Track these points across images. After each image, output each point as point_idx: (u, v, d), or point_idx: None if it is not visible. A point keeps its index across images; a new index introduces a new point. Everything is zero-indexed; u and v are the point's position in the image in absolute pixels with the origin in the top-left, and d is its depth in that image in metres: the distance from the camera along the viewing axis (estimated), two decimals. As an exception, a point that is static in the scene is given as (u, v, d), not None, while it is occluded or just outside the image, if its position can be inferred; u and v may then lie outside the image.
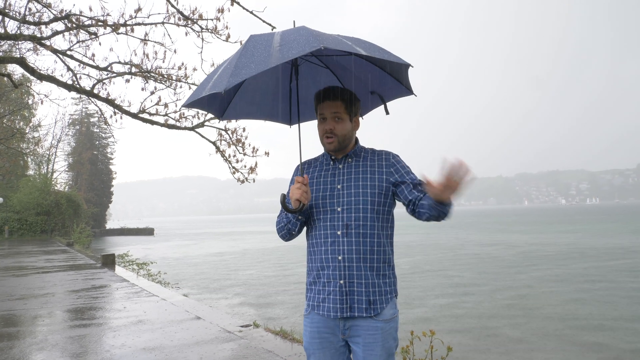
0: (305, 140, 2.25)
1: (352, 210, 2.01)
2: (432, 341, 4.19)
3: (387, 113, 2.29)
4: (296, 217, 2.05)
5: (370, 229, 2.01)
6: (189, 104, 2.07)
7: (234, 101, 2.36)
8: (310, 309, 2.08)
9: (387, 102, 2.33)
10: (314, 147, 2.36)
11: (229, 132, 9.15)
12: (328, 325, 2.02)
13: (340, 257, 1.99)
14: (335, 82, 2.38)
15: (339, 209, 2.03)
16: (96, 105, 9.28)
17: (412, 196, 2.00)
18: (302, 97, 2.35)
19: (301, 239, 2.28)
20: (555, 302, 13.78)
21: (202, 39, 7.75)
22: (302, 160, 2.22)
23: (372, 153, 2.14)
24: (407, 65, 2.00)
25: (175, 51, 8.35)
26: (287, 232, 2.13)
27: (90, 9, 7.59)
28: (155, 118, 8.72)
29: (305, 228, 2.18)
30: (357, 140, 2.18)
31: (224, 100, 2.32)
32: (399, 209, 2.20)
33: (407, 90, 2.24)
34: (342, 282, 1.98)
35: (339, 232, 2.01)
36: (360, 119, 2.24)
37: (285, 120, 2.49)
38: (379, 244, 2.03)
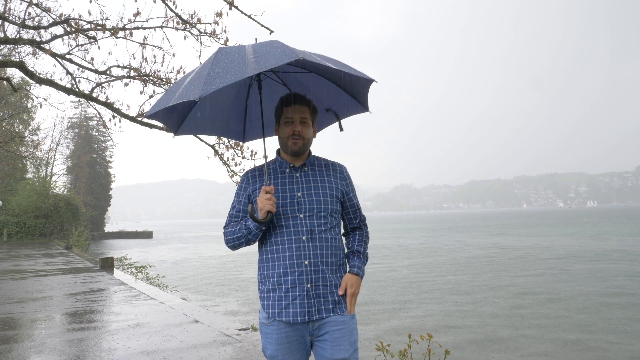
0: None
1: (314, 216, 2.09)
2: (429, 344, 4.21)
3: (342, 130, 2.35)
4: (260, 228, 2.05)
5: (330, 233, 2.11)
6: (151, 115, 2.07)
7: (190, 117, 2.36)
8: (272, 317, 2.06)
9: (342, 119, 2.40)
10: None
11: (228, 135, 9.16)
12: (296, 329, 2.04)
13: (307, 262, 2.04)
14: None
15: (301, 215, 2.08)
16: (95, 108, 9.30)
17: (349, 225, 2.29)
18: (257, 114, 2.40)
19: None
20: (552, 304, 13.79)
21: (201, 43, 7.77)
22: (250, 168, 2.27)
23: (325, 163, 2.25)
24: (371, 81, 2.10)
25: (174, 55, 8.36)
26: (244, 243, 2.13)
27: (90, 13, 7.61)
28: (153, 121, 8.73)
29: None
30: (309, 151, 2.26)
31: (179, 115, 2.32)
32: (396, 214, 2.24)
33: (362, 107, 2.32)
34: (309, 285, 2.03)
35: (303, 238, 2.05)
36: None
37: (238, 136, 2.55)
38: (336, 247, 2.13)
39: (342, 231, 2.29)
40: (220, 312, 12.56)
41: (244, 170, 9.26)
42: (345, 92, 2.29)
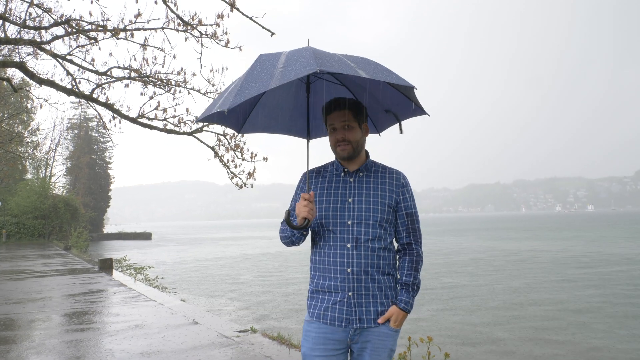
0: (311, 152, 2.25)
1: (362, 224, 2.06)
2: (429, 347, 4.19)
3: (401, 132, 2.28)
4: (301, 233, 2.07)
5: (378, 243, 2.06)
6: (202, 119, 2.09)
7: (252, 116, 2.37)
8: (313, 317, 2.09)
9: (402, 121, 2.33)
10: (321, 159, 2.38)
11: (228, 137, 9.16)
12: (335, 332, 2.04)
13: (349, 270, 2.03)
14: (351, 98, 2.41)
15: (349, 222, 2.06)
16: (95, 109, 9.30)
17: (399, 241, 2.17)
18: (318, 114, 2.37)
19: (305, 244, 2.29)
20: (552, 307, 13.78)
21: (202, 45, 7.77)
22: (310, 169, 2.21)
23: (382, 169, 2.19)
24: (412, 88, 1.95)
25: (174, 56, 8.36)
26: (289, 243, 2.16)
27: (91, 14, 7.61)
28: (154, 123, 8.74)
29: (310, 235, 2.21)
30: (367, 154, 2.21)
31: (240, 115, 2.33)
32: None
33: (421, 110, 2.19)
34: (350, 294, 2.02)
35: (348, 245, 2.04)
36: (368, 127, 2.26)
37: (302, 134, 2.50)
38: (384, 257, 2.09)
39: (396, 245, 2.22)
40: (219, 313, 12.54)
41: (243, 172, 9.26)
42: (403, 94, 2.18)
